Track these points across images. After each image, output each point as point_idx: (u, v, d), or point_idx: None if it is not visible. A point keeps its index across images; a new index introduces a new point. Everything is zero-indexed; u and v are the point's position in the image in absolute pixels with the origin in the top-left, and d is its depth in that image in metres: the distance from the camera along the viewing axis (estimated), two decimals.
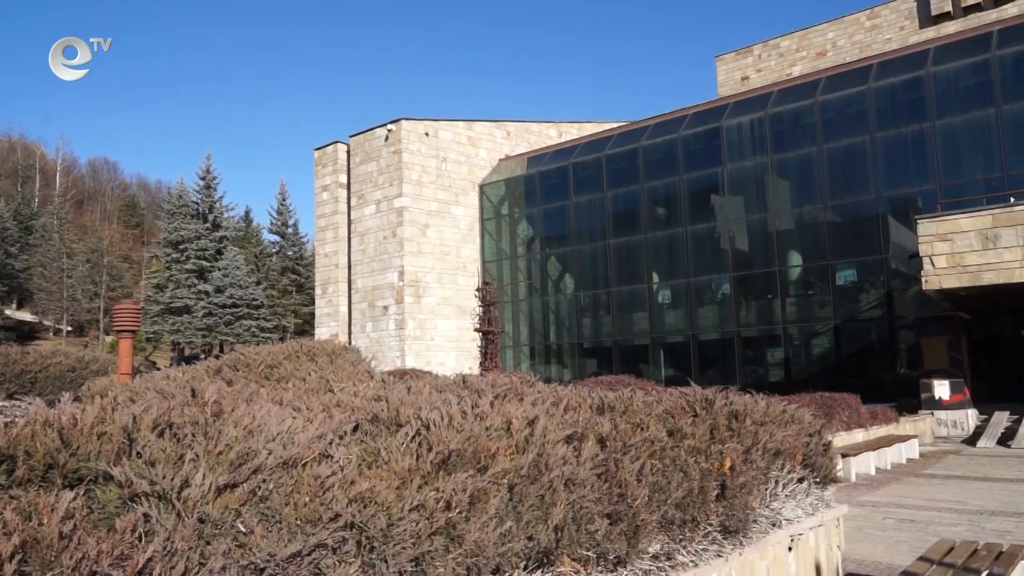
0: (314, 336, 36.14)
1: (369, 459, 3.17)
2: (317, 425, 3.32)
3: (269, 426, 3.08)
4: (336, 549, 2.63)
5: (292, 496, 2.68)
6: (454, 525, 2.94)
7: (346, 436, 3.38)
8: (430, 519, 2.88)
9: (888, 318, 25.05)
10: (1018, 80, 23.35)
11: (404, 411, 3.71)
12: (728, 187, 29.05)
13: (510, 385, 5.08)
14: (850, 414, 17.01)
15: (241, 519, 2.52)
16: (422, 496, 2.91)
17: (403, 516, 2.82)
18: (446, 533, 2.93)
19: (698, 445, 4.35)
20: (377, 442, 3.35)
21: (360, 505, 2.77)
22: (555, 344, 34.39)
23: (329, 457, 3.01)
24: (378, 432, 3.57)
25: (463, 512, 2.97)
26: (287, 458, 2.82)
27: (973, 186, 23.26)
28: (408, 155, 33.16)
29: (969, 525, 9.32)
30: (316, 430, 3.18)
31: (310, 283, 53.06)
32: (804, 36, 44.08)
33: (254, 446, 2.82)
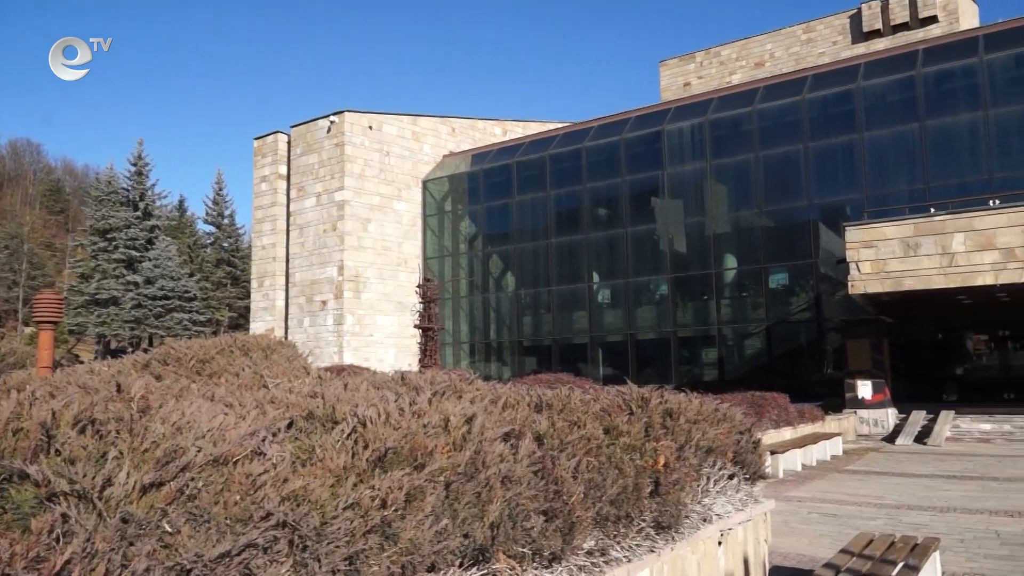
0: (249, 330, 35.36)
1: (304, 457, 3.12)
2: (250, 422, 3.25)
3: (199, 423, 3.00)
4: (267, 549, 2.58)
5: (222, 495, 2.62)
6: (389, 523, 2.92)
7: (280, 433, 3.31)
8: (365, 517, 2.85)
9: (816, 320, 25.89)
10: (940, 97, 24.43)
11: (340, 408, 3.66)
12: (668, 190, 29.57)
13: (449, 382, 5.06)
14: (779, 413, 17.52)
15: (167, 519, 2.45)
16: (357, 494, 2.88)
17: (337, 514, 2.78)
18: (381, 531, 2.90)
19: (633, 443, 4.42)
20: (312, 439, 3.30)
21: (293, 503, 2.73)
22: (495, 342, 34.44)
23: (262, 455, 2.95)
24: (313, 429, 3.51)
25: (399, 510, 2.95)
26: (217, 456, 2.76)
27: (897, 196, 24.21)
28: (351, 148, 32.73)
29: (887, 519, 9.71)
30: (249, 427, 3.11)
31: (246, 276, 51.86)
32: (744, 46, 45.17)
33: (183, 443, 2.74)
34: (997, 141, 23.21)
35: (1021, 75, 23.42)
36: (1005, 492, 11.73)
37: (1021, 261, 16.96)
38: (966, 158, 23.93)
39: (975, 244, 17.51)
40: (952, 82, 24.57)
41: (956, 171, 23.94)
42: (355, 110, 33.27)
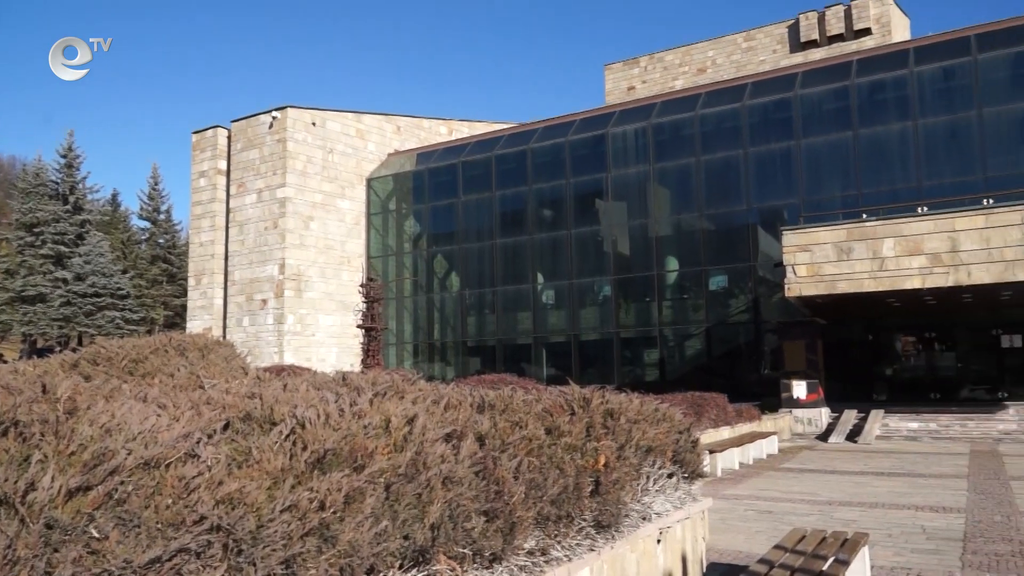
0: (185, 329, 34.42)
1: (240, 459, 3.06)
2: (184, 423, 3.17)
3: (130, 424, 2.92)
4: (200, 553, 2.52)
5: (153, 498, 2.55)
6: (328, 525, 2.88)
7: (216, 435, 3.24)
8: (303, 520, 2.81)
9: (755, 322, 26.52)
10: (873, 107, 25.32)
11: (279, 409, 3.60)
12: (612, 192, 29.91)
13: (391, 383, 5.02)
14: (718, 412, 17.88)
15: (94, 524, 2.37)
16: (295, 496, 2.83)
17: (274, 517, 2.74)
18: (319, 534, 2.86)
19: (575, 443, 4.45)
20: (249, 441, 3.23)
21: (228, 507, 2.67)
22: (439, 342, 34.31)
23: (196, 457, 2.88)
24: (250, 431, 3.44)
25: (338, 512, 2.92)
26: (149, 458, 2.68)
27: (832, 202, 24.99)
28: (293, 144, 32.19)
29: (820, 515, 10.00)
30: (183, 428, 3.04)
31: (183, 273, 50.46)
32: (687, 52, 45.99)
33: (112, 446, 2.66)
34: (925, 150, 24.16)
35: (948, 87, 24.43)
36: (931, 488, 12.21)
37: (946, 266, 17.68)
38: (896, 166, 24.84)
39: (904, 249, 18.19)
40: (884, 93, 25.47)
41: (887, 178, 24.83)
42: (298, 106, 32.74)
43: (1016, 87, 23.54)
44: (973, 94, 23.59)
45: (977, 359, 24.61)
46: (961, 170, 23.75)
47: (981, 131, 23.34)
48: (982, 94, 23.42)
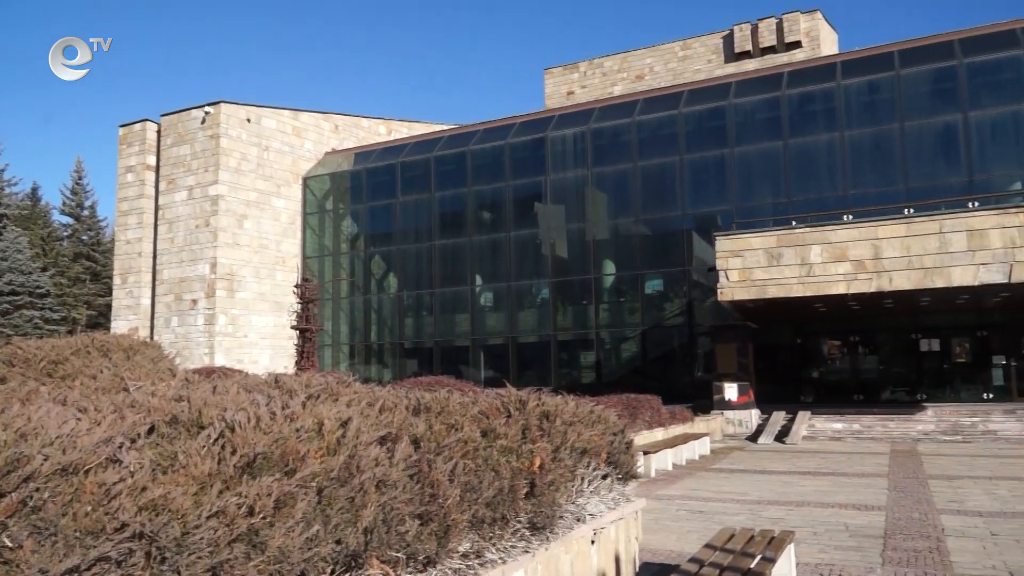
0: (110, 330, 33.18)
1: (165, 464, 2.96)
2: (105, 427, 3.05)
3: (47, 429, 2.79)
4: (121, 562, 2.44)
5: (71, 506, 2.45)
6: (257, 531, 2.82)
7: (139, 439, 3.13)
8: (230, 526, 2.74)
9: (689, 325, 27.07)
10: (802, 117, 26.19)
11: (208, 412, 3.51)
12: (551, 196, 30.12)
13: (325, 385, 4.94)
14: (652, 414, 18.17)
15: (7, 532, 2.26)
16: (223, 502, 2.76)
17: (200, 523, 2.66)
18: (248, 540, 2.80)
19: (510, 445, 4.46)
20: (175, 445, 3.14)
21: (152, 513, 2.59)
22: (376, 344, 33.96)
23: (118, 462, 2.78)
24: (177, 435, 3.35)
25: (267, 517, 2.86)
26: (67, 464, 2.57)
27: (763, 209, 25.71)
28: (227, 140, 31.42)
29: (749, 514, 10.26)
30: (104, 433, 2.93)
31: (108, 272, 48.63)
32: (625, 59, 46.68)
33: (27, 451, 2.54)
34: (851, 161, 25.08)
35: (873, 101, 25.42)
36: (854, 487, 12.66)
37: (869, 272, 18.39)
38: (824, 175, 25.72)
39: (830, 256, 18.84)
40: (813, 104, 26.36)
41: (815, 187, 25.69)
42: (232, 101, 31.98)
43: (936, 102, 24.66)
44: (896, 108, 24.62)
45: (898, 362, 25.66)
46: (884, 180, 24.74)
47: (903, 143, 24.36)
48: (904, 108, 24.45)
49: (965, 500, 11.07)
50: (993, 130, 23.76)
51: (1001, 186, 23.26)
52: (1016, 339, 23.69)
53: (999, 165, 23.72)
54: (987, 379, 23.81)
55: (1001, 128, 23.68)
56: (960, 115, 23.79)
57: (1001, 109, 23.55)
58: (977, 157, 23.65)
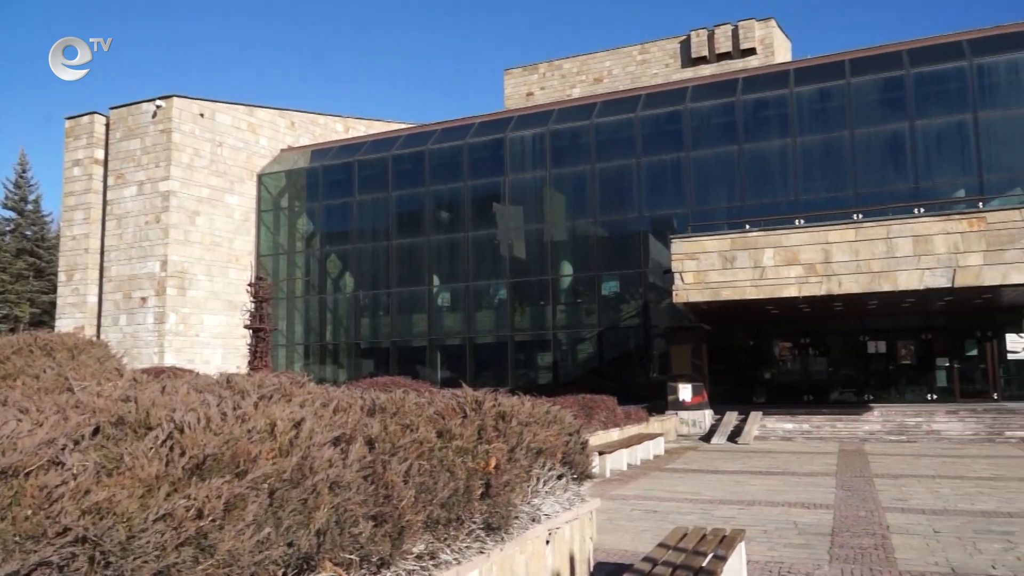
0: (54, 328, 32.22)
1: (111, 466, 2.89)
2: (48, 429, 2.96)
3: None
4: (64, 567, 2.37)
5: (11, 509, 2.37)
6: (206, 534, 2.76)
7: (84, 441, 3.05)
8: (178, 529, 2.69)
9: (644, 327, 27.36)
10: (757, 123, 26.68)
11: (156, 413, 3.43)
12: (509, 196, 30.16)
13: (278, 385, 4.86)
14: (608, 415, 18.30)
15: None
16: (170, 504, 2.71)
17: (147, 527, 2.61)
18: (196, 543, 2.74)
19: (466, 445, 4.45)
20: (121, 447, 3.06)
21: (96, 517, 2.52)
22: (331, 344, 33.60)
23: (60, 464, 2.70)
24: (123, 436, 3.26)
25: (217, 520, 2.80)
26: (6, 466, 2.49)
27: (718, 212, 26.13)
28: (179, 135, 30.76)
29: (701, 513, 10.41)
30: (46, 434, 2.84)
31: (52, 268, 47.21)
32: (585, 61, 46.98)
33: None
34: (803, 166, 25.64)
35: (824, 108, 26.01)
36: (803, 486, 12.92)
37: (820, 276, 18.80)
38: (777, 180, 26.24)
39: (782, 259, 19.21)
40: (766, 110, 26.87)
41: (769, 191, 26.19)
42: (185, 95, 31.34)
43: (884, 110, 25.35)
44: (846, 115, 25.23)
45: (846, 364, 26.29)
46: (835, 186, 25.34)
47: (853, 150, 24.98)
48: (854, 116, 25.07)
49: (909, 498, 11.38)
50: (938, 139, 24.51)
51: (945, 193, 24.01)
52: (959, 342, 24.47)
53: (944, 173, 24.48)
54: (931, 381, 24.54)
55: (946, 137, 24.43)
56: (907, 124, 24.48)
57: (946, 119, 24.31)
58: (923, 165, 24.37)
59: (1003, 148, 23.76)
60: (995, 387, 23.55)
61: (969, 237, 17.67)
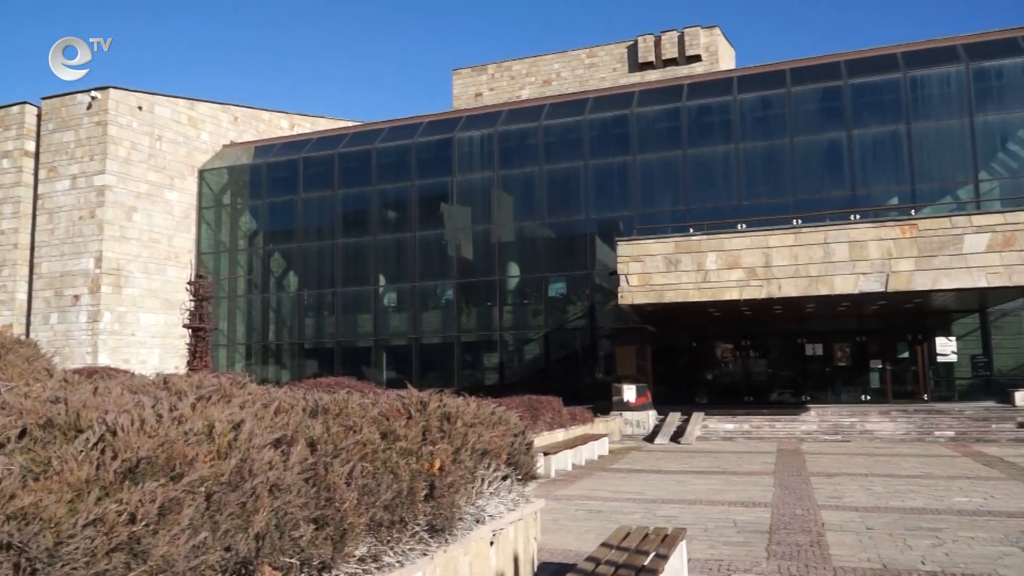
0: None
1: (38, 470, 2.78)
2: None
3: None
4: None
5: None
6: (139, 539, 2.68)
7: (9, 443, 2.93)
8: (110, 534, 2.60)
9: (590, 328, 27.60)
10: (701, 129, 27.21)
11: (87, 414, 3.31)
12: (457, 197, 30.09)
13: (218, 386, 4.75)
14: (553, 415, 18.38)
15: None
16: (101, 509, 2.62)
17: (76, 532, 2.52)
18: (129, 548, 2.66)
19: (410, 447, 4.42)
20: (50, 450, 2.95)
21: (21, 522, 2.42)
22: (274, 344, 33.01)
23: None
24: (52, 439, 3.14)
25: (151, 525, 2.72)
26: None
27: (663, 215, 26.55)
28: (116, 128, 29.83)
29: (644, 512, 10.54)
30: None
31: None
32: (534, 63, 47.19)
33: None
34: (745, 172, 26.22)
35: (766, 115, 26.66)
36: (743, 485, 13.20)
37: (761, 280, 19.25)
38: (720, 185, 26.78)
39: (725, 263, 19.61)
40: (710, 116, 27.41)
41: (712, 196, 26.71)
42: (122, 87, 30.40)
43: (823, 119, 26.12)
44: (787, 123, 25.91)
45: (785, 366, 26.98)
46: (776, 192, 26.00)
47: (793, 157, 25.67)
48: (794, 124, 25.77)
49: (843, 496, 11.72)
50: (874, 148, 25.36)
51: (880, 200, 24.86)
52: (892, 345, 25.33)
53: (879, 181, 25.34)
54: (865, 382, 25.36)
55: (881, 146, 25.30)
56: (844, 133, 25.27)
57: (881, 129, 25.17)
58: (859, 172, 25.18)
59: (934, 158, 24.72)
60: (925, 388, 24.46)
61: (901, 243, 18.31)
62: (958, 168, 24.49)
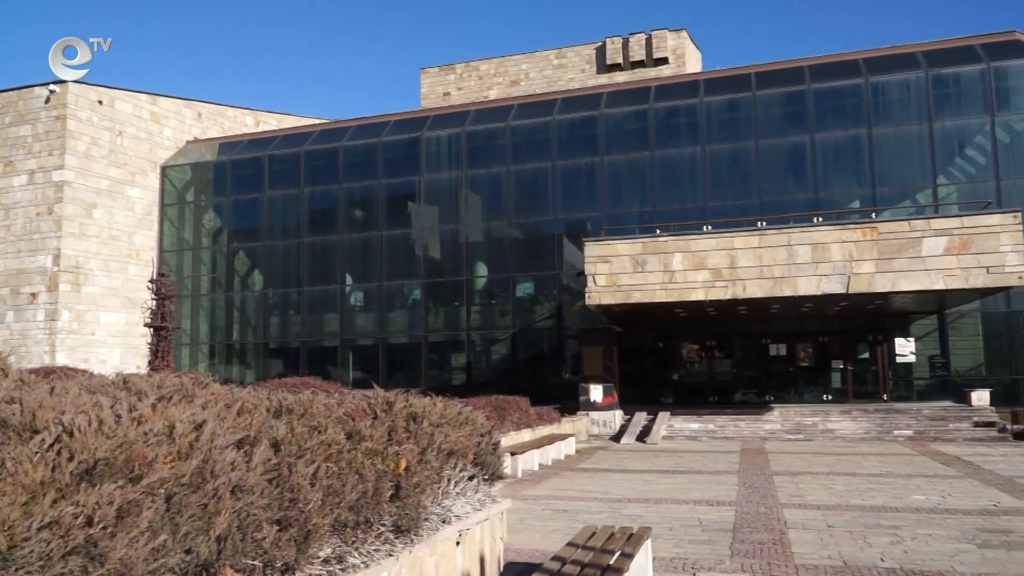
0: None
1: None
2: None
3: None
4: None
5: None
6: (96, 543, 2.63)
7: None
8: (66, 537, 2.55)
9: (558, 328, 27.68)
10: (668, 131, 27.45)
11: (43, 415, 3.23)
12: (424, 196, 29.98)
13: (179, 386, 4.67)
14: (520, 415, 18.41)
15: None
16: (57, 512, 2.56)
17: (31, 536, 2.46)
18: (86, 552, 2.61)
19: (376, 447, 4.38)
20: (3, 451, 2.88)
21: None
22: (239, 343, 32.57)
23: None
24: (6, 440, 3.07)
25: (109, 527, 2.67)
26: None
27: (630, 216, 26.73)
28: (75, 123, 29.18)
29: (610, 512, 10.60)
30: None
31: None
32: (502, 63, 47.16)
33: None
34: (711, 174, 26.50)
35: (732, 118, 26.98)
36: (708, 484, 13.34)
37: (726, 280, 19.47)
38: (687, 186, 27.05)
39: (691, 264, 19.80)
40: (677, 118, 27.67)
41: (678, 197, 26.97)
42: (82, 81, 29.74)
43: (787, 123, 26.51)
44: (752, 126, 26.25)
45: (749, 366, 27.32)
46: (741, 194, 26.31)
47: (758, 160, 26.02)
48: (760, 127, 26.12)
49: (805, 495, 11.91)
50: (836, 151, 25.81)
51: (842, 203, 25.30)
52: (853, 345, 25.79)
53: (841, 184, 25.79)
54: (827, 382, 25.78)
55: (843, 150, 25.76)
56: (808, 136, 25.68)
57: (843, 133, 25.63)
58: (822, 176, 25.62)
59: (894, 162, 25.24)
60: (885, 388, 24.95)
61: (862, 246, 18.65)
62: (917, 172, 25.02)
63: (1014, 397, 22.84)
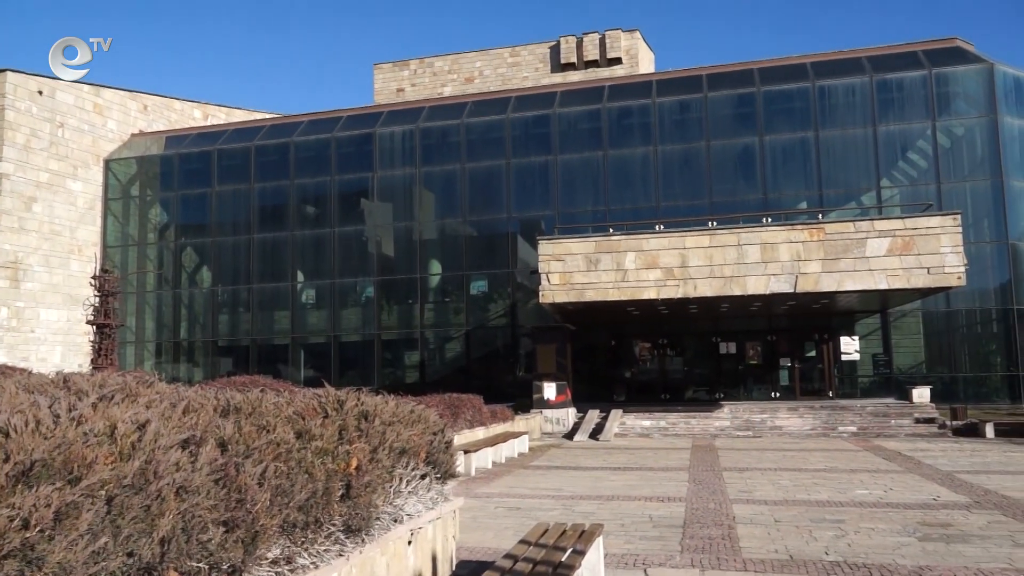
0: None
1: None
2: None
3: None
4: None
5: None
6: (33, 546, 2.54)
7: None
8: (1, 540, 2.45)
9: (512, 326, 27.73)
10: (621, 130, 27.72)
11: None
12: (378, 193, 29.73)
13: (122, 385, 4.54)
14: (474, 413, 18.38)
15: None
16: None
17: None
18: (22, 556, 2.52)
19: (326, 446, 4.33)
20: None
21: None
22: (186, 341, 31.86)
23: None
24: None
25: (46, 531, 2.58)
26: None
27: (584, 215, 26.91)
28: (14, 113, 28.20)
29: (563, 509, 10.65)
30: None
31: None
32: (456, 60, 47.00)
33: None
34: (663, 173, 26.84)
35: (684, 119, 27.36)
36: (659, 481, 13.50)
37: (677, 279, 19.72)
38: (639, 186, 27.34)
39: (643, 263, 20.01)
40: (630, 118, 27.94)
41: (631, 196, 27.24)
42: (20, 71, 28.74)
43: (737, 124, 26.99)
44: (703, 127, 26.66)
45: (700, 364, 27.74)
46: (692, 194, 26.71)
47: (709, 161, 26.43)
48: (711, 128, 26.54)
49: (754, 490, 12.14)
50: (784, 154, 26.38)
51: (790, 204, 25.87)
52: (800, 344, 26.39)
53: (789, 185, 26.37)
54: (775, 380, 26.33)
55: (791, 152, 26.34)
56: (757, 138, 26.19)
57: (792, 135, 26.21)
58: (771, 177, 26.15)
59: (840, 165, 25.89)
60: (831, 386, 25.58)
61: (809, 246, 19.08)
62: (862, 175, 25.71)
63: (953, 394, 23.65)
